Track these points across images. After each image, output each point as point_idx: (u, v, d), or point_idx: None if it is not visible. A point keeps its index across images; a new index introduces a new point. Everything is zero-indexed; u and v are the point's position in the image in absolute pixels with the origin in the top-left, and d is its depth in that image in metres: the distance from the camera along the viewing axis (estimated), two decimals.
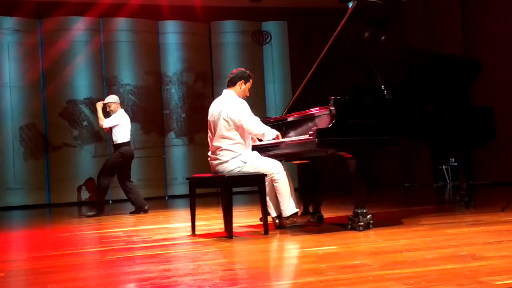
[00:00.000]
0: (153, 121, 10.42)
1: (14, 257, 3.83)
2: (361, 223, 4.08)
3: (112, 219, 6.44)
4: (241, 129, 4.26)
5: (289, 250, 3.68)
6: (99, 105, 6.90)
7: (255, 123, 4.30)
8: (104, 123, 6.79)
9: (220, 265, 3.03)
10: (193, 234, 4.44)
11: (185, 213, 6.40)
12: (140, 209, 6.89)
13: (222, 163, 4.28)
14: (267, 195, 4.32)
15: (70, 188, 9.76)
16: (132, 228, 5.29)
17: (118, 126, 6.80)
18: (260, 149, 4.50)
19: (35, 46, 9.86)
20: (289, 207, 4.34)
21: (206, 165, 4.48)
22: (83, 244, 4.35)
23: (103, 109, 6.87)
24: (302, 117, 4.42)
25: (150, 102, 10.42)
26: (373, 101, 4.18)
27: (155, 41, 10.59)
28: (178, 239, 4.28)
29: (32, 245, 4.50)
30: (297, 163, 5.04)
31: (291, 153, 4.45)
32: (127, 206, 7.24)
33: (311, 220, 4.69)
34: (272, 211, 4.49)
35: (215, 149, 4.32)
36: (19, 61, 9.77)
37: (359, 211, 4.11)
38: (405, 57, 4.92)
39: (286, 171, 4.35)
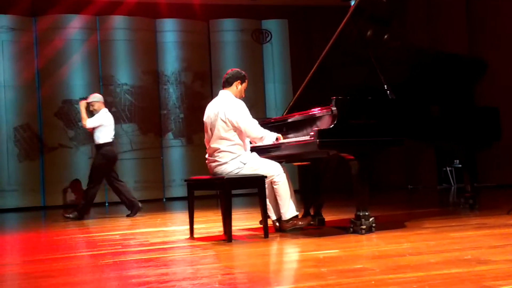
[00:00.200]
0: (151, 121, 10.35)
1: (7, 261, 3.79)
2: (363, 226, 4.04)
3: (108, 221, 6.42)
4: (239, 130, 4.23)
5: (289, 253, 3.66)
6: (82, 104, 6.78)
7: (253, 126, 4.25)
8: (87, 123, 6.65)
9: (219, 269, 3.02)
10: (191, 237, 4.40)
11: (183, 216, 6.34)
12: (133, 207, 6.77)
13: (221, 164, 4.23)
14: (267, 198, 4.28)
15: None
16: (129, 231, 5.27)
17: (102, 127, 6.68)
18: (260, 150, 4.46)
19: (30, 45, 9.79)
20: (289, 210, 4.30)
21: (204, 166, 4.46)
22: (78, 248, 4.32)
23: (86, 108, 6.74)
24: (303, 117, 4.38)
25: (148, 102, 10.35)
26: (375, 101, 4.16)
27: (152, 40, 10.53)
28: (176, 242, 4.26)
29: (26, 249, 4.47)
30: (297, 165, 4.98)
31: (291, 154, 4.41)
32: (123, 209, 7.21)
33: (312, 222, 4.65)
34: (272, 214, 4.44)
35: (213, 150, 4.28)
36: (14, 60, 9.69)
37: (361, 214, 4.07)
38: (408, 56, 4.90)
39: (286, 173, 4.32)
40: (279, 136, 4.38)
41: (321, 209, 4.83)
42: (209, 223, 5.54)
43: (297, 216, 4.36)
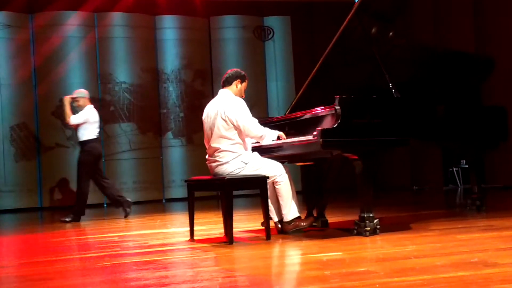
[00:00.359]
0: (150, 120, 10.28)
1: (4, 263, 3.76)
2: (368, 228, 4.02)
3: (106, 223, 6.40)
4: (239, 129, 4.19)
5: (291, 256, 3.65)
6: (66, 99, 6.64)
7: (252, 125, 4.21)
8: (71, 119, 6.53)
9: (219, 272, 3.02)
10: (191, 239, 4.37)
11: (183, 217, 6.32)
12: (121, 204, 6.67)
13: (221, 164, 4.20)
14: (269, 199, 4.24)
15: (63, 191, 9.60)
16: (127, 233, 5.28)
17: (86, 124, 6.57)
18: (262, 150, 4.43)
19: (26, 42, 9.70)
20: (290, 211, 4.28)
21: (205, 166, 4.45)
22: (76, 250, 4.31)
23: (70, 104, 6.63)
24: (306, 116, 4.35)
25: (147, 100, 10.28)
26: (380, 100, 4.15)
27: (151, 37, 10.45)
28: (176, 244, 4.24)
29: (23, 251, 4.46)
30: (300, 165, 4.93)
31: (294, 154, 4.38)
32: (122, 211, 7.10)
33: (314, 223, 4.62)
34: (274, 216, 4.41)
35: (214, 150, 4.24)
36: (10, 57, 9.60)
37: (365, 215, 4.04)
38: (414, 54, 4.89)
39: (288, 173, 4.29)
40: (281, 134, 4.35)
41: (325, 210, 4.80)
42: (210, 224, 5.52)
43: (299, 217, 4.33)
